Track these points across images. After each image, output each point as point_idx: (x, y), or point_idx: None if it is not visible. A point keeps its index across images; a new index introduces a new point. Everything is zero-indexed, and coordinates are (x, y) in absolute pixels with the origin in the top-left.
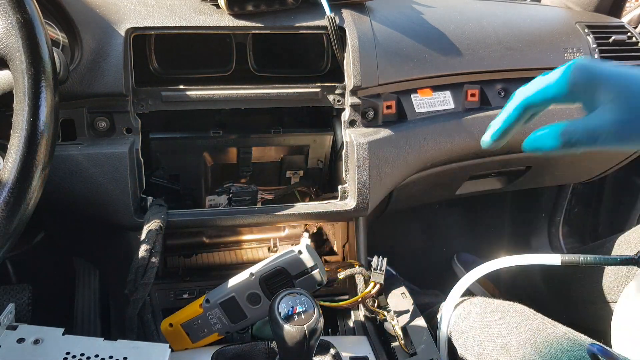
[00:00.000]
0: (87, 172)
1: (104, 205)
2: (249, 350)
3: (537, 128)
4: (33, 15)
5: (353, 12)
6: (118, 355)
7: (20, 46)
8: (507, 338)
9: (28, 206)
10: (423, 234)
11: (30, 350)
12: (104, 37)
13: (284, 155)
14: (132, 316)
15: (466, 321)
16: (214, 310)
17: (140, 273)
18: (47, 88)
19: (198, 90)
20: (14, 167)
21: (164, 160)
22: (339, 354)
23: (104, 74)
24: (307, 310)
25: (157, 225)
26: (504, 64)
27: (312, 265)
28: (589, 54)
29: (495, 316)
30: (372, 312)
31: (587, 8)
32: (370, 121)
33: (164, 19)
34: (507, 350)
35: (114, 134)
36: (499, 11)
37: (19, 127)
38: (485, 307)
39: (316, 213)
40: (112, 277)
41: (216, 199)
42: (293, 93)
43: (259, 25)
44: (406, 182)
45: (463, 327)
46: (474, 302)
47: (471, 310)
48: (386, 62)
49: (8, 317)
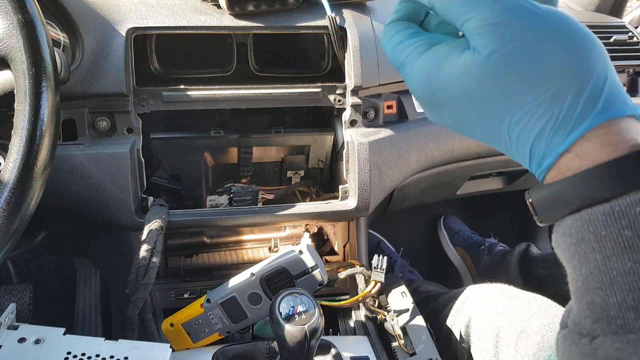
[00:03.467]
0: (88, 172)
1: (105, 205)
2: (249, 350)
3: None
4: (34, 15)
5: (354, 12)
6: (119, 355)
7: (21, 46)
8: (527, 323)
9: (29, 206)
10: (424, 234)
11: (31, 350)
12: (105, 37)
13: (284, 155)
14: (133, 316)
15: (487, 305)
16: (215, 310)
17: (141, 273)
18: (48, 88)
19: (199, 90)
20: (15, 167)
21: (165, 160)
22: (340, 354)
23: (105, 74)
24: (307, 310)
25: (158, 225)
26: None
27: (313, 265)
28: None
29: (515, 302)
30: (373, 311)
31: (588, 8)
32: (371, 121)
33: (164, 19)
34: (527, 334)
35: (115, 134)
36: None
37: (20, 127)
38: (507, 293)
39: (317, 213)
40: (113, 277)
41: (217, 199)
42: (294, 93)
43: (260, 25)
44: (407, 182)
45: (484, 311)
46: (495, 288)
47: (492, 296)
48: (387, 62)
49: (9, 316)
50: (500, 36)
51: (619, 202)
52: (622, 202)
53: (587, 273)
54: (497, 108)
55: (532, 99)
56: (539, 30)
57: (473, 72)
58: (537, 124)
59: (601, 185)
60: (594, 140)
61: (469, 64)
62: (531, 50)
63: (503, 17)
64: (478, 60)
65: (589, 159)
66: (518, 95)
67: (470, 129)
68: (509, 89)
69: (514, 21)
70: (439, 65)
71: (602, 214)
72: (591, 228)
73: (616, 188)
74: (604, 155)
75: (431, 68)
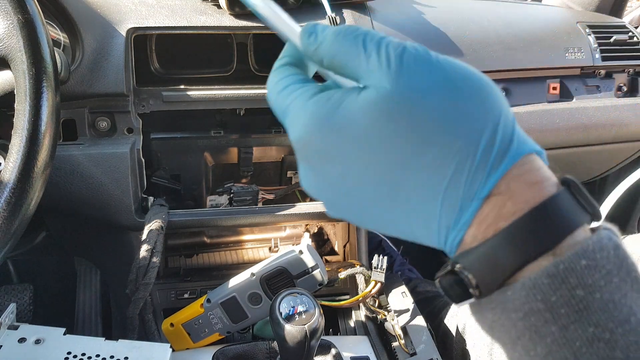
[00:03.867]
0: (89, 172)
1: (105, 205)
2: (249, 350)
3: None
4: (34, 15)
5: (354, 12)
6: (119, 355)
7: (21, 46)
8: None
9: (29, 206)
10: None
11: (31, 350)
12: (105, 37)
13: (284, 155)
14: (133, 316)
15: None
16: (215, 310)
17: (141, 273)
18: (48, 88)
19: (199, 90)
20: (15, 167)
21: (165, 160)
22: (340, 354)
23: (105, 74)
24: (308, 310)
25: (158, 225)
26: (505, 63)
27: (313, 265)
28: (589, 54)
29: None
30: (373, 311)
31: (588, 8)
32: None
33: (164, 19)
34: None
35: (115, 134)
36: (500, 11)
37: (20, 127)
38: None
39: (317, 213)
40: (113, 277)
41: (217, 199)
42: None
43: (260, 25)
44: None
45: None
46: None
47: None
48: None
49: (9, 316)
50: (407, 80)
51: (562, 259)
52: (566, 259)
53: (545, 351)
54: (404, 149)
55: (446, 137)
56: (445, 77)
57: (380, 106)
58: (450, 165)
59: (539, 235)
60: (517, 179)
61: (373, 99)
62: (441, 92)
63: (407, 67)
64: (382, 95)
65: (521, 201)
66: (429, 132)
67: (360, 188)
68: (418, 127)
69: (419, 69)
70: (333, 105)
71: (547, 276)
72: (539, 296)
73: (556, 236)
74: (535, 195)
75: (324, 110)
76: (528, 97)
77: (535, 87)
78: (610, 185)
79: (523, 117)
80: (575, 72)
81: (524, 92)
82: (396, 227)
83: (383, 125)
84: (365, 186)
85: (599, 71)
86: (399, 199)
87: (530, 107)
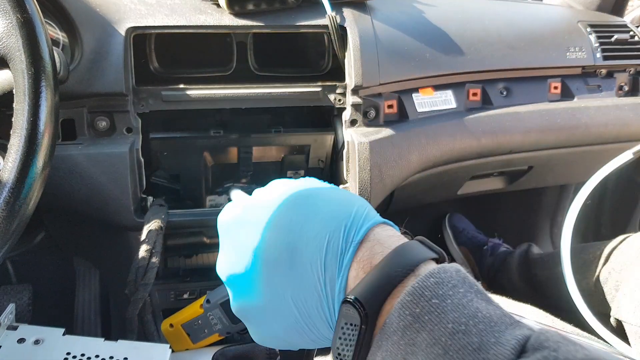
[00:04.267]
0: (88, 172)
1: (104, 205)
2: (249, 350)
3: None
4: (33, 14)
5: (354, 11)
6: (118, 356)
7: (20, 46)
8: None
9: (28, 206)
10: (428, 232)
11: (30, 350)
12: (104, 36)
13: (284, 155)
14: (133, 316)
15: None
16: (215, 311)
17: (140, 273)
18: (47, 88)
19: (198, 90)
20: (14, 167)
21: (164, 160)
22: None
23: (104, 73)
24: None
25: (158, 225)
26: (506, 63)
27: None
28: (591, 53)
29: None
30: None
31: (590, 7)
32: (371, 121)
33: (164, 18)
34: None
35: (114, 133)
36: (501, 10)
37: (19, 127)
38: None
39: None
40: (112, 277)
41: (217, 199)
42: (294, 92)
43: (260, 24)
44: (407, 182)
45: None
46: None
47: None
48: (387, 61)
49: (8, 317)
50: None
51: (417, 280)
52: (419, 280)
53: (424, 355)
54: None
55: (326, 212)
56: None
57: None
58: (331, 223)
59: (401, 263)
60: (380, 232)
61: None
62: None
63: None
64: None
65: (386, 246)
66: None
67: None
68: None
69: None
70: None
71: (409, 295)
72: (407, 311)
73: (412, 264)
74: (395, 242)
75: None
76: (529, 96)
77: (536, 86)
78: (612, 185)
79: (524, 116)
80: (577, 71)
81: (525, 92)
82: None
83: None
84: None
85: (600, 71)
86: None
87: (531, 106)
